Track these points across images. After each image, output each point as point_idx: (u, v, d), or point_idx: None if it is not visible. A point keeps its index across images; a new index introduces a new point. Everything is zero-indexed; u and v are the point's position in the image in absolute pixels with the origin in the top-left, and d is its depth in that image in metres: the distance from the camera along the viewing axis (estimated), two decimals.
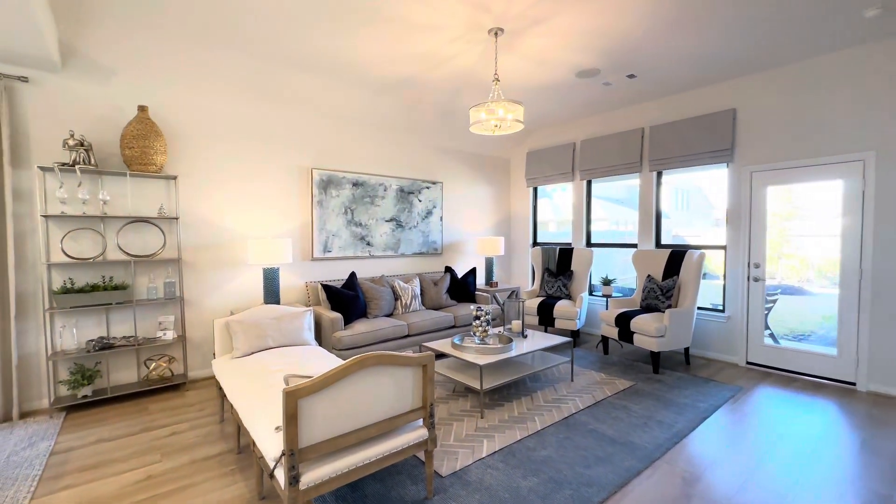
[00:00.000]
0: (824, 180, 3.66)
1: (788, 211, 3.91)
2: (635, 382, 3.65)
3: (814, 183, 3.72)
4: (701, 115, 4.34)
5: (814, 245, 3.77)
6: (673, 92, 4.48)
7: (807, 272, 3.85)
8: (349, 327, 3.88)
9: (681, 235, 5.81)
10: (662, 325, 3.84)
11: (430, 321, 4.32)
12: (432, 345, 3.50)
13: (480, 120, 3.14)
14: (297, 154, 4.34)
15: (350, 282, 4.25)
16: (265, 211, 4.14)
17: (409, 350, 4.15)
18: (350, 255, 4.75)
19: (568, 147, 5.64)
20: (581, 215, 5.59)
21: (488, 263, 5.75)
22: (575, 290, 5.18)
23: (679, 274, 4.27)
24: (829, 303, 3.69)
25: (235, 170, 3.94)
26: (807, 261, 3.84)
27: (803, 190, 3.81)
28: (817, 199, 3.73)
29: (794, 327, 3.98)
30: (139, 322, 3.53)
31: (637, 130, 4.89)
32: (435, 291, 4.84)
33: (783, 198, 3.93)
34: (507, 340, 3.50)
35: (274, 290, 3.87)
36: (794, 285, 3.94)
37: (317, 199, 4.47)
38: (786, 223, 3.91)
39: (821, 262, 3.75)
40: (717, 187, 5.10)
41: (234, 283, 3.96)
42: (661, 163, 4.70)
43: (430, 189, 5.48)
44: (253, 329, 2.92)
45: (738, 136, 4.14)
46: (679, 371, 4.00)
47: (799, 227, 3.85)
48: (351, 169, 4.76)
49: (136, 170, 3.32)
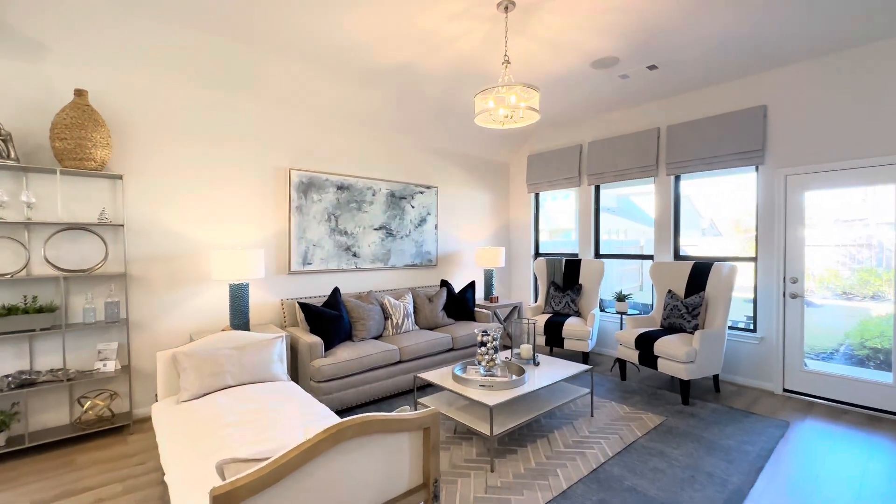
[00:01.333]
0: (874, 184, 3.23)
1: (830, 217, 3.47)
2: (665, 417, 3.13)
3: (861, 188, 3.29)
4: (727, 113, 3.91)
5: (858, 255, 3.33)
6: (696, 87, 4.05)
7: (855, 285, 3.41)
8: (331, 354, 3.30)
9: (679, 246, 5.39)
10: (692, 349, 3.34)
11: (426, 344, 3.76)
12: (429, 375, 2.94)
13: (487, 109, 2.63)
14: (273, 152, 3.78)
15: (333, 299, 3.68)
16: (234, 217, 3.56)
17: (400, 379, 3.59)
18: (333, 267, 4.18)
19: (574, 150, 5.18)
20: (589, 223, 5.12)
21: (488, 276, 5.22)
22: (584, 307, 4.68)
23: (705, 289, 3.80)
24: (884, 320, 3.24)
25: (198, 169, 3.37)
26: (842, 274, 3.40)
27: (847, 195, 3.38)
28: (865, 203, 3.31)
29: (826, 346, 3.52)
30: (74, 351, 2.90)
31: (652, 131, 4.45)
32: (430, 309, 4.29)
33: (823, 204, 3.49)
34: (517, 370, 2.97)
35: (242, 310, 3.28)
36: (834, 299, 3.49)
37: (295, 205, 3.91)
38: (828, 230, 3.47)
39: (867, 274, 3.31)
40: (704, 195, 4.86)
41: (195, 302, 3.36)
42: (680, 166, 4.25)
43: (424, 194, 4.96)
44: (207, 363, 2.33)
45: (769, 135, 3.71)
46: (710, 401, 3.50)
47: (841, 235, 3.41)
48: (335, 170, 4.22)
49: (69, 166, 2.73)
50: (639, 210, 9.64)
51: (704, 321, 3.74)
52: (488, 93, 2.64)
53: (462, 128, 4.99)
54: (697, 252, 4.71)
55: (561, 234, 8.89)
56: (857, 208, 3.34)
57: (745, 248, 4.84)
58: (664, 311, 3.94)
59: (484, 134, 5.26)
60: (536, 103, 2.57)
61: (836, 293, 3.45)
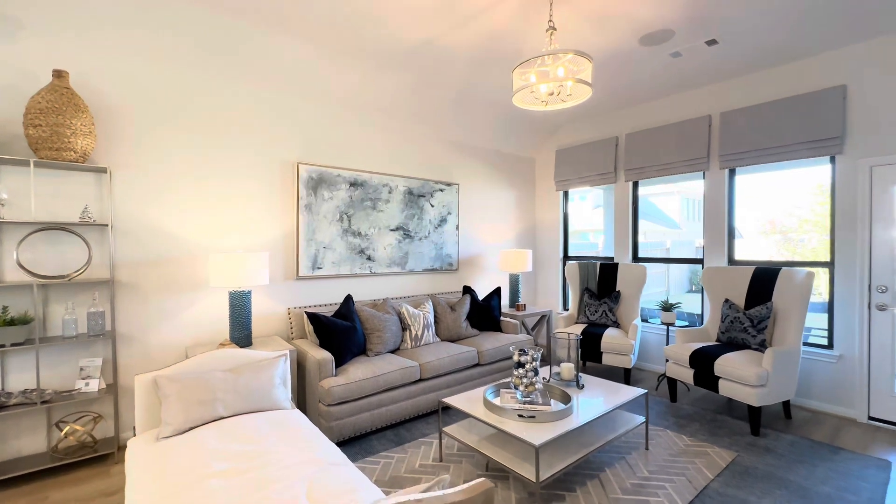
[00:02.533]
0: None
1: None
2: (737, 453, 2.64)
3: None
4: (797, 96, 3.40)
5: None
6: (759, 66, 3.54)
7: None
8: (343, 371, 2.89)
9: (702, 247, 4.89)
10: (763, 371, 2.84)
11: (449, 360, 3.33)
12: (456, 401, 2.50)
13: (530, 85, 2.19)
14: (279, 144, 3.40)
15: (345, 308, 3.28)
16: (236, 217, 3.19)
17: (421, 399, 3.16)
18: (346, 272, 3.78)
19: (609, 143, 4.70)
20: (626, 224, 4.63)
21: (513, 282, 4.77)
22: (623, 316, 4.19)
23: (771, 299, 3.29)
24: None
25: (194, 162, 3.00)
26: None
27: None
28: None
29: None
30: (51, 369, 2.55)
31: (703, 119, 3.95)
32: (452, 318, 3.86)
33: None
34: (561, 396, 2.51)
35: (243, 321, 2.89)
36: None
37: (304, 203, 3.52)
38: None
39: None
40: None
41: (191, 312, 2.99)
42: (736, 158, 3.75)
43: (445, 192, 4.53)
44: (194, 390, 1.94)
45: (849, 120, 3.19)
46: (782, 430, 2.99)
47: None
48: (348, 165, 3.82)
49: (45, 157, 2.37)
50: (658, 211, 9.03)
51: (772, 336, 3.23)
52: (529, 66, 2.20)
53: (486, 118, 4.55)
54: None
55: (578, 235, 8.35)
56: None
57: (779, 250, 4.31)
58: (722, 323, 3.44)
59: (509, 125, 4.82)
60: (589, 75, 2.11)
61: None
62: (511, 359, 3.84)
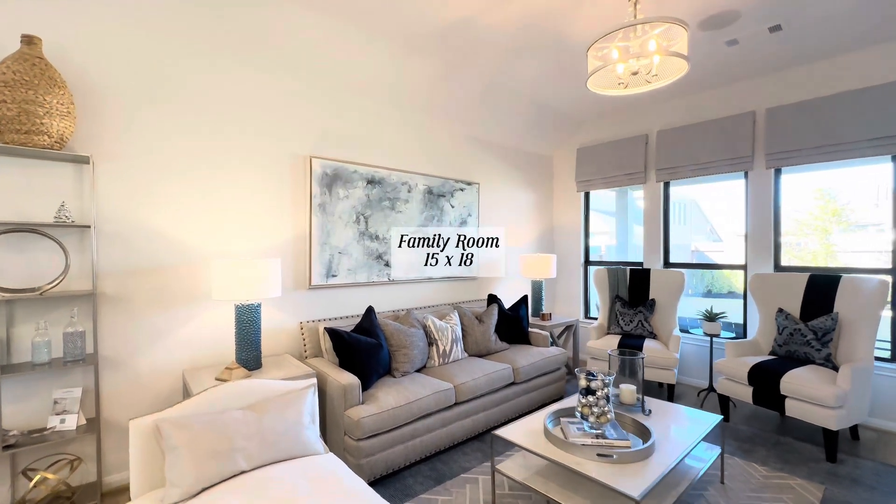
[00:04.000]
0: None
1: None
2: (824, 486, 2.34)
3: None
4: (856, 90, 3.16)
5: None
6: (816, 56, 3.29)
7: None
8: (371, 397, 2.48)
9: (700, 251, 4.80)
10: (842, 390, 2.56)
11: (485, 379, 2.95)
12: (511, 434, 2.13)
13: (612, 62, 1.85)
14: (291, 135, 2.98)
15: (368, 321, 2.88)
16: (241, 217, 2.75)
17: (456, 427, 2.77)
18: (363, 280, 3.37)
19: (638, 140, 4.42)
20: (657, 227, 4.34)
21: (536, 289, 4.43)
22: (660, 327, 3.89)
23: (833, 309, 3.03)
24: None
25: (194, 153, 2.56)
26: None
27: None
28: None
29: None
30: (19, 403, 2.08)
31: (746, 115, 3.69)
32: (481, 331, 3.49)
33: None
34: (633, 426, 2.17)
35: (252, 340, 2.46)
36: None
37: (318, 202, 3.11)
38: None
39: None
40: (710, 200, 4.61)
41: (189, 330, 2.54)
42: (784, 157, 3.50)
43: (465, 192, 4.17)
44: (207, 437, 1.52)
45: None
46: (854, 453, 2.72)
47: None
48: (365, 160, 3.42)
49: (11, 141, 1.92)
50: (640, 212, 8.52)
51: (837, 350, 2.96)
52: (609, 39, 1.86)
53: (509, 113, 4.21)
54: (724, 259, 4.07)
55: (590, 238, 8.21)
56: None
57: (829, 256, 4.09)
58: (779, 335, 3.16)
59: (531, 121, 4.49)
60: (685, 47, 1.78)
61: None
62: (546, 375, 3.49)
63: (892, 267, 3.12)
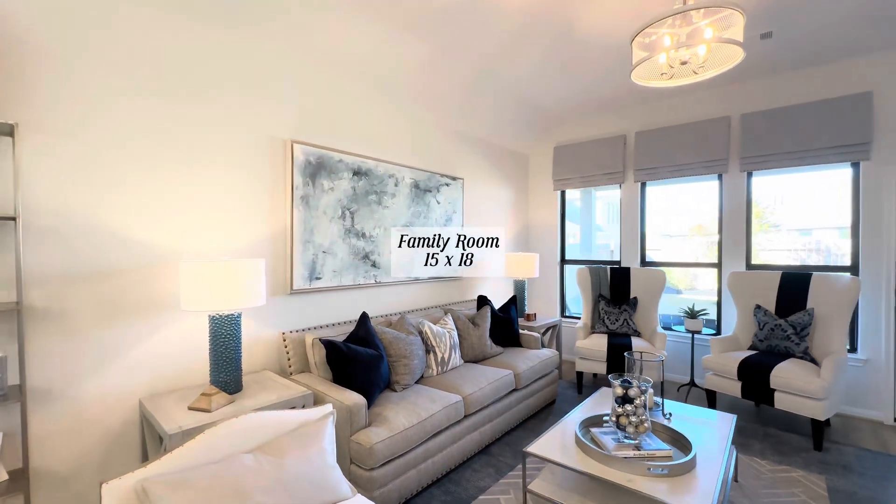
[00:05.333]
0: None
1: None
2: (824, 476, 2.44)
3: None
4: (822, 101, 3.39)
5: None
6: (789, 67, 3.48)
7: None
8: (378, 418, 2.17)
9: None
10: (827, 382, 2.71)
11: (490, 388, 2.76)
12: (543, 450, 1.95)
13: (663, 49, 1.73)
14: (269, 115, 2.56)
15: (363, 330, 2.55)
16: (209, 210, 2.30)
17: (465, 441, 2.54)
18: (348, 283, 3.02)
19: (616, 140, 4.47)
20: (634, 226, 4.43)
21: (519, 289, 4.33)
22: (643, 325, 3.96)
23: (807, 305, 3.23)
24: None
25: (152, 130, 2.08)
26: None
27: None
28: None
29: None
30: None
31: (722, 120, 3.85)
32: (476, 335, 3.28)
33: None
34: (667, 435, 2.09)
35: (231, 358, 2.05)
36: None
37: (300, 194, 2.71)
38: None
39: None
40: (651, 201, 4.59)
41: (148, 347, 2.06)
42: (758, 161, 3.69)
43: (450, 187, 3.94)
44: (217, 497, 1.15)
45: (876, 126, 3.24)
46: (832, 440, 2.90)
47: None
48: (351, 149, 3.07)
49: None
50: (603, 212, 8.86)
51: (813, 343, 3.16)
52: (660, 24, 1.74)
53: (494, 108, 4.04)
54: (661, 257, 4.40)
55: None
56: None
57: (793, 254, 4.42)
58: (760, 330, 3.31)
59: (513, 117, 4.37)
60: (740, 33, 1.70)
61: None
62: (542, 379, 3.38)
63: (851, 264, 3.40)
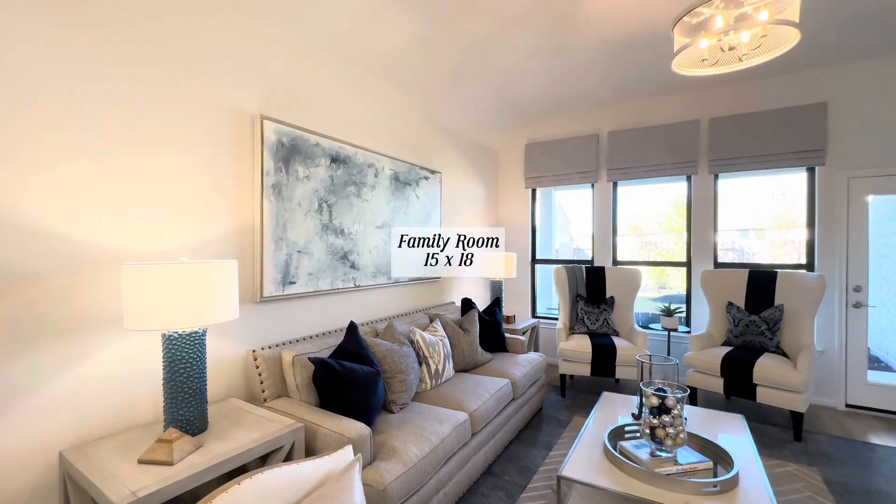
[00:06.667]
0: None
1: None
2: (814, 467, 2.52)
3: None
4: (783, 109, 3.60)
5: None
6: (751, 77, 3.64)
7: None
8: (384, 449, 1.82)
9: (581, 248, 5.44)
10: (805, 375, 2.83)
11: (492, 400, 2.51)
12: (578, 473, 1.74)
13: (716, 32, 1.60)
14: (233, 83, 2.08)
15: (353, 343, 2.17)
16: (156, 199, 1.79)
17: (472, 464, 2.26)
18: (325, 287, 2.60)
19: (590, 140, 4.46)
20: (607, 226, 4.44)
21: (496, 290, 4.13)
22: (620, 324, 3.96)
23: (775, 301, 3.39)
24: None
25: (76, 89, 1.54)
26: None
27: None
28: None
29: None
30: None
31: (692, 123, 3.96)
32: (467, 342, 3.02)
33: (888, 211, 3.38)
34: (699, 444, 1.99)
35: (194, 389, 1.58)
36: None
37: (271, 181, 2.25)
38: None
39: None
40: (567, 203, 5.31)
41: (72, 378, 1.52)
42: (725, 164, 3.84)
43: (429, 181, 3.63)
44: None
45: (830, 134, 3.49)
46: (807, 429, 3.05)
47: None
48: (328, 132, 2.65)
49: None
50: (564, 212, 8.81)
51: (783, 338, 3.32)
52: (708, 6, 1.61)
53: (474, 96, 3.80)
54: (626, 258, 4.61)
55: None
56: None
57: (750, 251, 4.71)
58: (735, 326, 3.42)
59: (490, 109, 4.17)
60: (796, 14, 1.61)
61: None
62: (533, 385, 3.20)
63: (805, 262, 3.64)
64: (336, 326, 2.69)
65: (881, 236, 3.46)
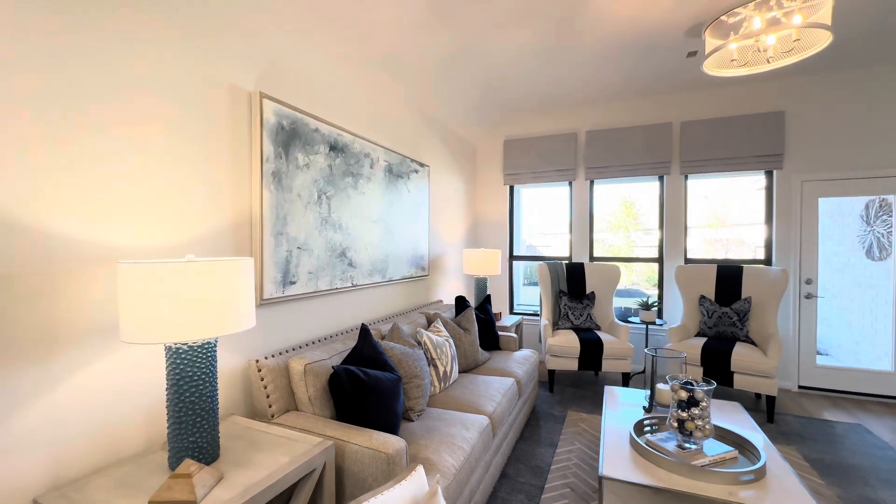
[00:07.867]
0: (881, 195, 3.58)
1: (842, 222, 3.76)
2: (794, 447, 2.73)
3: (866, 198, 3.64)
4: (746, 115, 3.88)
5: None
6: (726, 83, 3.88)
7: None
8: (421, 462, 1.67)
9: (533, 245, 5.60)
10: (774, 361, 3.07)
11: (505, 400, 2.44)
12: (618, 471, 1.73)
13: (752, 33, 1.63)
14: (228, 55, 1.81)
15: (368, 348, 1.99)
16: (140, 186, 1.50)
17: (493, 467, 2.17)
18: (325, 287, 2.37)
19: (568, 138, 4.53)
20: (584, 223, 4.55)
21: (480, 287, 4.07)
22: (601, 319, 4.07)
23: (742, 294, 3.66)
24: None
25: (50, 62, 1.24)
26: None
27: (851, 203, 3.70)
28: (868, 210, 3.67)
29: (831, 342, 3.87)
30: None
31: (666, 125, 4.16)
32: (469, 342, 2.92)
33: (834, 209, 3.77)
34: (727, 438, 2.05)
35: (206, 410, 1.34)
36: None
37: (271, 168, 2.00)
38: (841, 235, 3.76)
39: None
40: (528, 201, 5.32)
41: (48, 406, 1.22)
42: (695, 165, 4.07)
43: (419, 174, 3.48)
44: None
45: (787, 141, 3.82)
46: (777, 411, 3.33)
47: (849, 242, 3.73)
48: (327, 116, 2.41)
49: None
50: (530, 210, 8.84)
51: (750, 328, 3.58)
52: (744, 7, 1.64)
53: (463, 87, 3.70)
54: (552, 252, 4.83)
55: None
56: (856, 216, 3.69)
57: (710, 249, 5.05)
58: (709, 318, 3.64)
59: (475, 103, 4.09)
60: (828, 16, 1.68)
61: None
62: (531, 382, 3.18)
63: (765, 258, 3.97)
64: (337, 329, 2.47)
65: (830, 236, 3.85)
